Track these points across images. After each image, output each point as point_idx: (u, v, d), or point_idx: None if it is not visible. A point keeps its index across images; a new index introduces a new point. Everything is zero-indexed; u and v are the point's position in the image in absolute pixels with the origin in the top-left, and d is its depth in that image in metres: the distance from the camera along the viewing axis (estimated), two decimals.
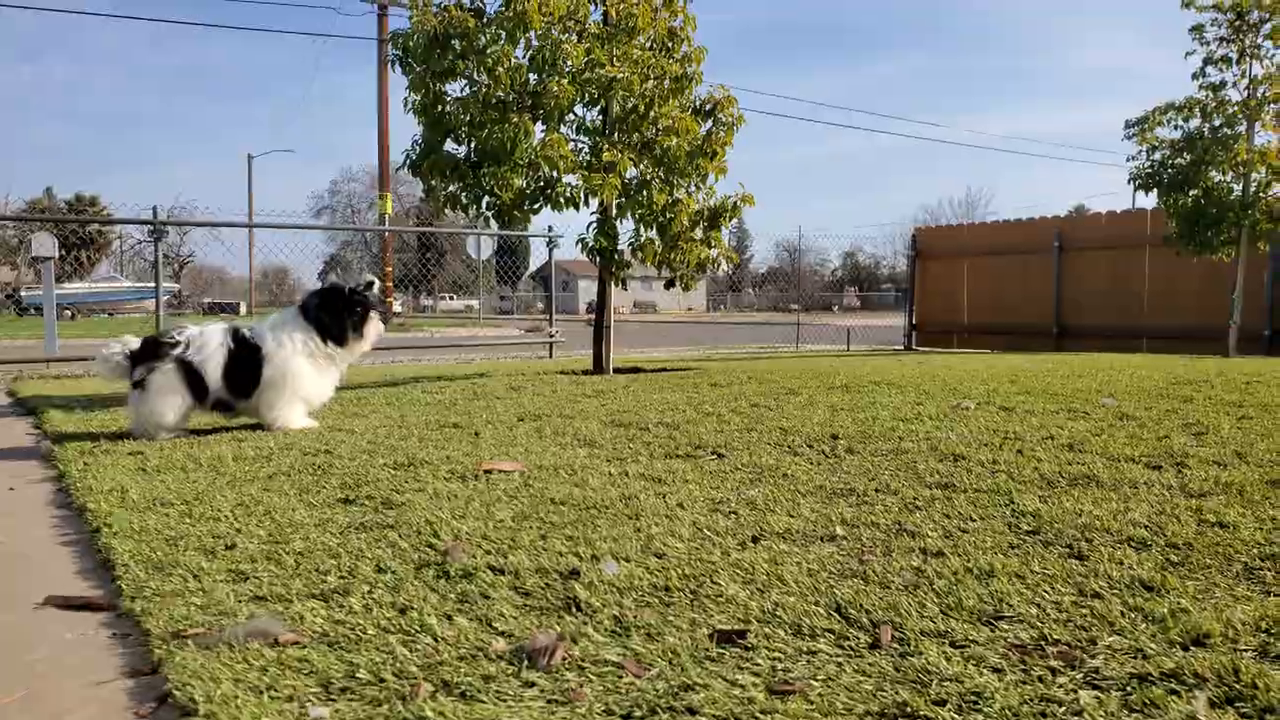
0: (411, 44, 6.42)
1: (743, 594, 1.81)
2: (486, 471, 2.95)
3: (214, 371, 3.89)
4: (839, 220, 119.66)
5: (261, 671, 1.45)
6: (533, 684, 1.43)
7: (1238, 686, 1.34)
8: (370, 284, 4.55)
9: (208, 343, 3.94)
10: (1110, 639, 1.54)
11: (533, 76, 6.54)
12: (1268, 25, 10.81)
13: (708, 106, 7.01)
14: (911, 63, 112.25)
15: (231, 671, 1.45)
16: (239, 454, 3.37)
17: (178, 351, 3.88)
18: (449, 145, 6.62)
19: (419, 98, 6.52)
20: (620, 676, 1.45)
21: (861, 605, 1.71)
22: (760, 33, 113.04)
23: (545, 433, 3.78)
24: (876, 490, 2.65)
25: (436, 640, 1.60)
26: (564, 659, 1.52)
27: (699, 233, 6.92)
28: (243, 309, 37.86)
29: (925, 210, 66.30)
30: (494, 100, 6.38)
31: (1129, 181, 11.63)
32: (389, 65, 6.83)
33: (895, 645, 1.55)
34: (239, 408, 4.06)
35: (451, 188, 6.52)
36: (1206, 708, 1.30)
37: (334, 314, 4.13)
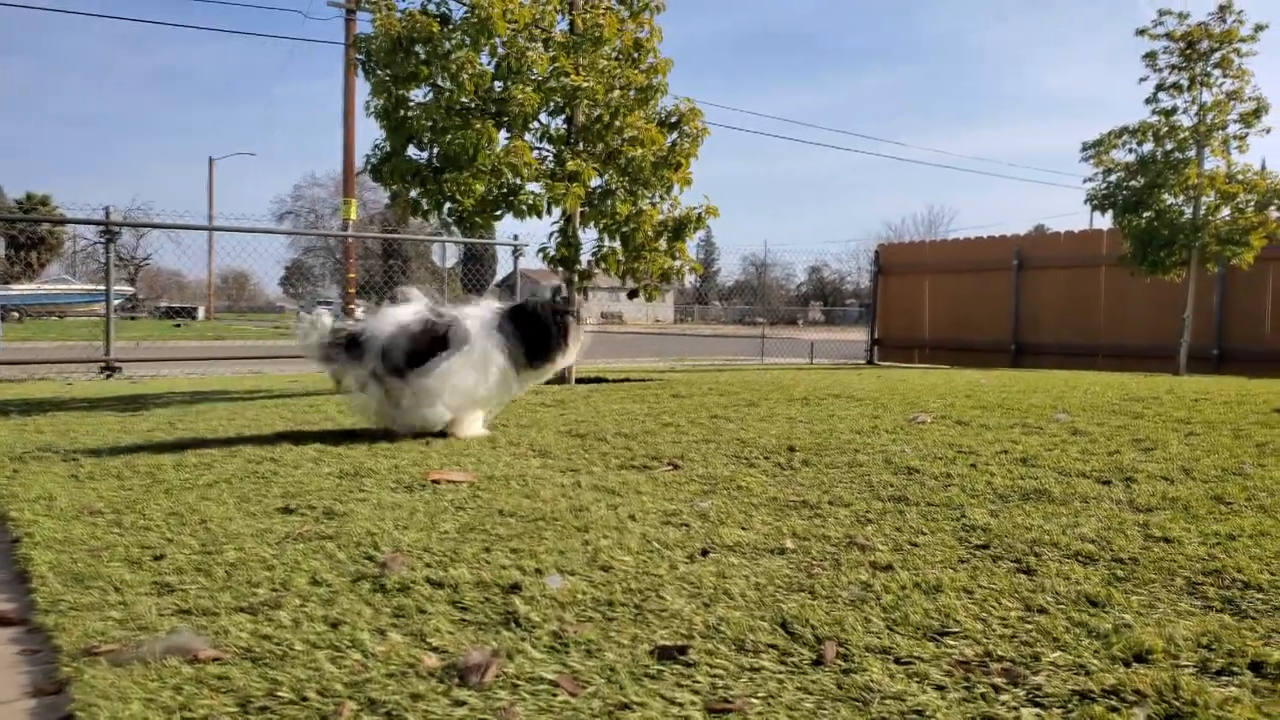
0: (374, 48, 6.36)
1: (688, 608, 1.77)
2: (434, 481, 2.89)
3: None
4: (805, 236, 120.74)
5: (176, 691, 1.39)
6: (463, 703, 1.38)
7: (1177, 703, 1.33)
8: (559, 289, 4.26)
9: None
10: (1054, 655, 1.52)
11: (497, 84, 6.50)
12: (1217, 54, 11.07)
13: (673, 118, 7.02)
14: (876, 82, 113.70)
15: (143, 690, 1.38)
16: (180, 461, 3.28)
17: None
18: (411, 150, 6.56)
19: (381, 102, 6.45)
20: (555, 695, 1.41)
21: (807, 620, 1.68)
22: (728, 49, 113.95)
23: (500, 442, 3.72)
24: (829, 503, 2.63)
25: (366, 656, 1.54)
26: (497, 676, 1.47)
27: (663, 243, 6.91)
28: (200, 314, 37.24)
29: (889, 227, 67.12)
30: (457, 106, 6.33)
31: (1085, 202, 11.83)
32: (354, 69, 6.74)
33: (839, 661, 1.52)
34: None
35: (413, 193, 6.45)
36: None
37: (539, 328, 3.93)
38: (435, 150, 6.32)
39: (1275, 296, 12.60)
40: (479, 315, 3.94)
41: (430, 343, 3.79)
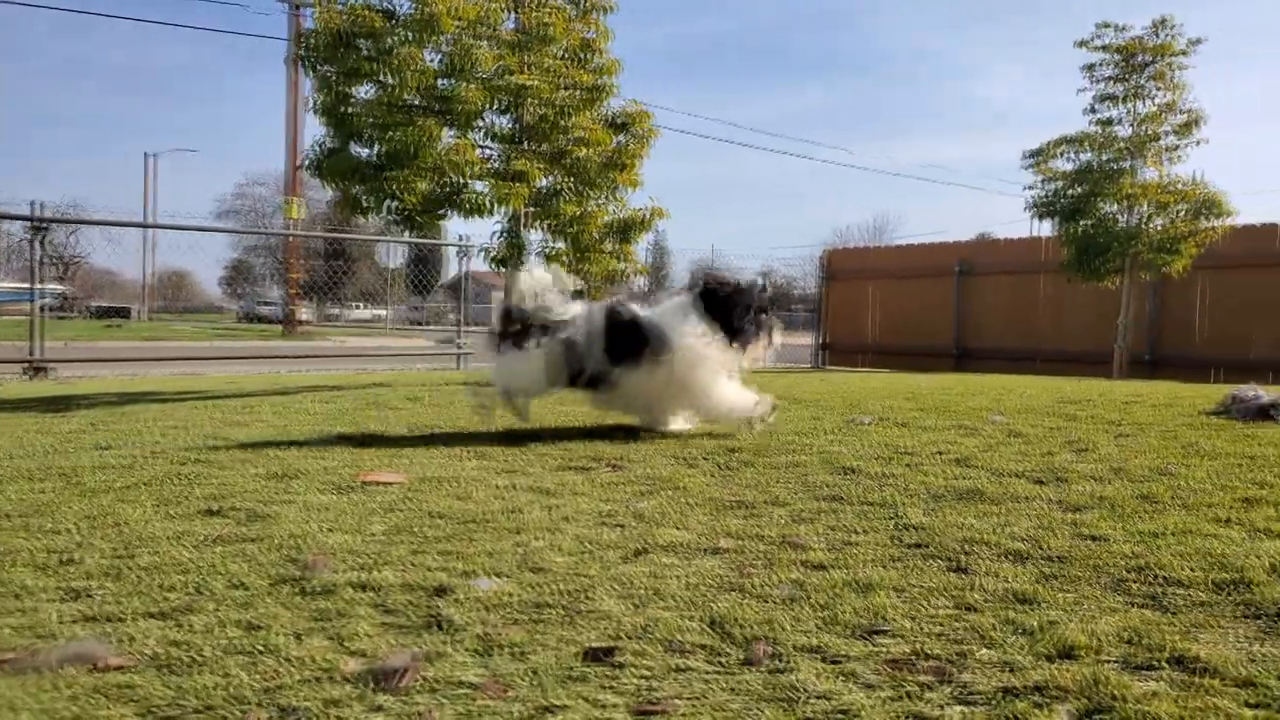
0: (316, 43, 6.24)
1: (619, 609, 1.74)
2: (366, 483, 2.82)
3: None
4: (754, 241, 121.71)
5: (72, 700, 1.32)
6: (380, 708, 1.33)
7: (1100, 699, 1.33)
8: (756, 282, 4.14)
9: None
10: (983, 652, 1.52)
11: (443, 81, 6.42)
12: (1153, 67, 11.37)
13: (621, 119, 6.99)
14: (825, 91, 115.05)
15: (37, 701, 1.31)
16: (100, 463, 3.16)
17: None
18: (354, 147, 6.44)
19: (323, 98, 6.33)
20: (476, 699, 1.37)
21: (738, 620, 1.66)
22: (681, 54, 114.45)
23: (436, 443, 3.66)
24: (767, 503, 2.62)
25: (282, 662, 1.48)
26: (417, 680, 1.42)
27: (609, 245, 6.87)
28: (135, 314, 36.21)
29: (836, 234, 67.73)
30: (401, 103, 6.24)
31: (1026, 209, 12.06)
32: (298, 64, 6.61)
33: (769, 661, 1.50)
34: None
35: (355, 190, 6.33)
36: None
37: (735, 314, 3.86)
38: (378, 148, 6.21)
39: (1206, 304, 12.98)
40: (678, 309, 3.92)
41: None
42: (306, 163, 6.52)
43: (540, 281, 3.92)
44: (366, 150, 6.36)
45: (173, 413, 4.80)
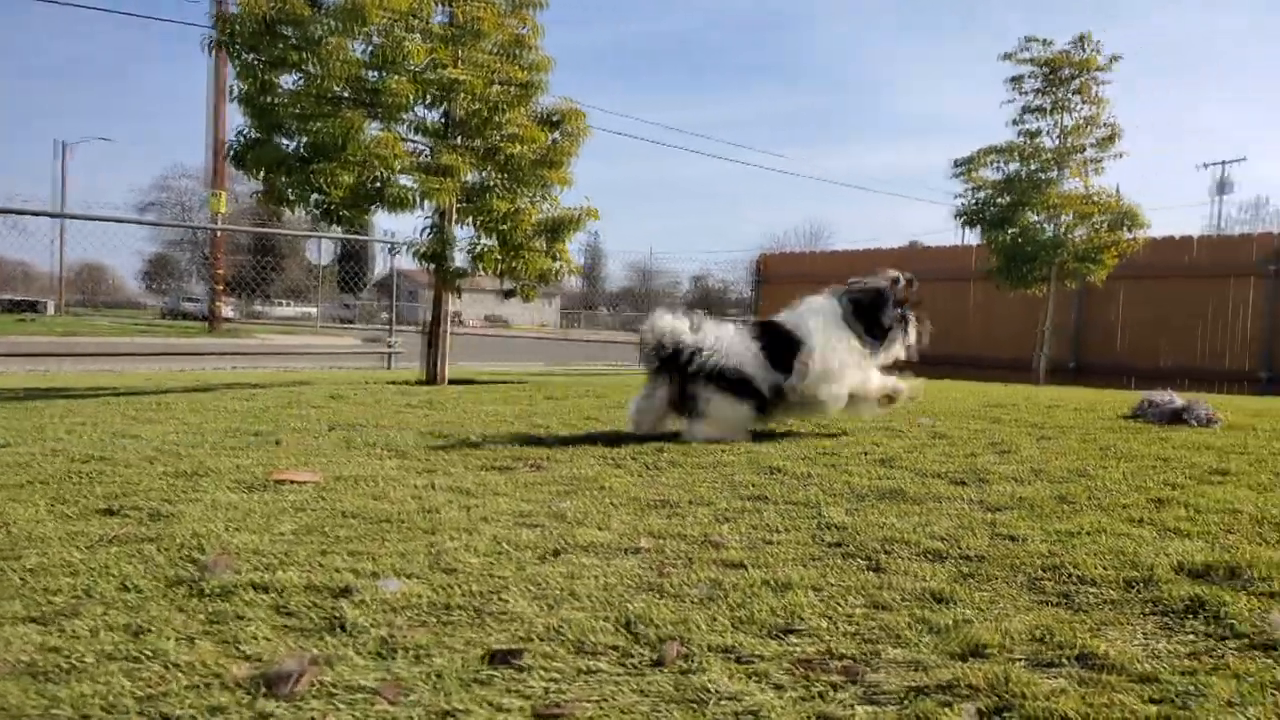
0: (239, 29, 6.06)
1: (530, 610, 1.69)
2: (278, 481, 2.72)
3: None
4: (691, 244, 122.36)
5: None
6: (269, 715, 1.26)
7: (1007, 696, 1.33)
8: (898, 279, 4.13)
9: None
10: (894, 651, 1.51)
11: (371, 73, 6.29)
12: (1076, 81, 11.71)
13: (554, 117, 6.93)
14: (761, 98, 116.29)
15: None
16: None
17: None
18: (278, 139, 6.27)
19: (246, 86, 6.15)
20: (373, 704, 1.31)
21: (651, 620, 1.63)
22: (617, 57, 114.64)
23: (355, 442, 3.56)
24: (691, 502, 2.60)
25: (167, 667, 1.40)
26: (312, 685, 1.35)
27: (541, 243, 6.80)
28: (50, 308, 34.75)
29: (772, 239, 68.53)
30: (328, 94, 6.09)
31: (955, 217, 12.31)
32: (219, 50, 6.41)
33: (680, 662, 1.47)
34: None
35: (279, 183, 6.16)
36: (975, 719, 1.27)
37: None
38: (303, 139, 6.06)
39: (1126, 313, 13.41)
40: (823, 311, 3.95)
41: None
42: (229, 154, 6.32)
43: (675, 325, 3.88)
44: (290, 142, 6.20)
45: (80, 409, 4.60)
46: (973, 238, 13.27)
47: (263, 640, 1.52)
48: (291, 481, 2.72)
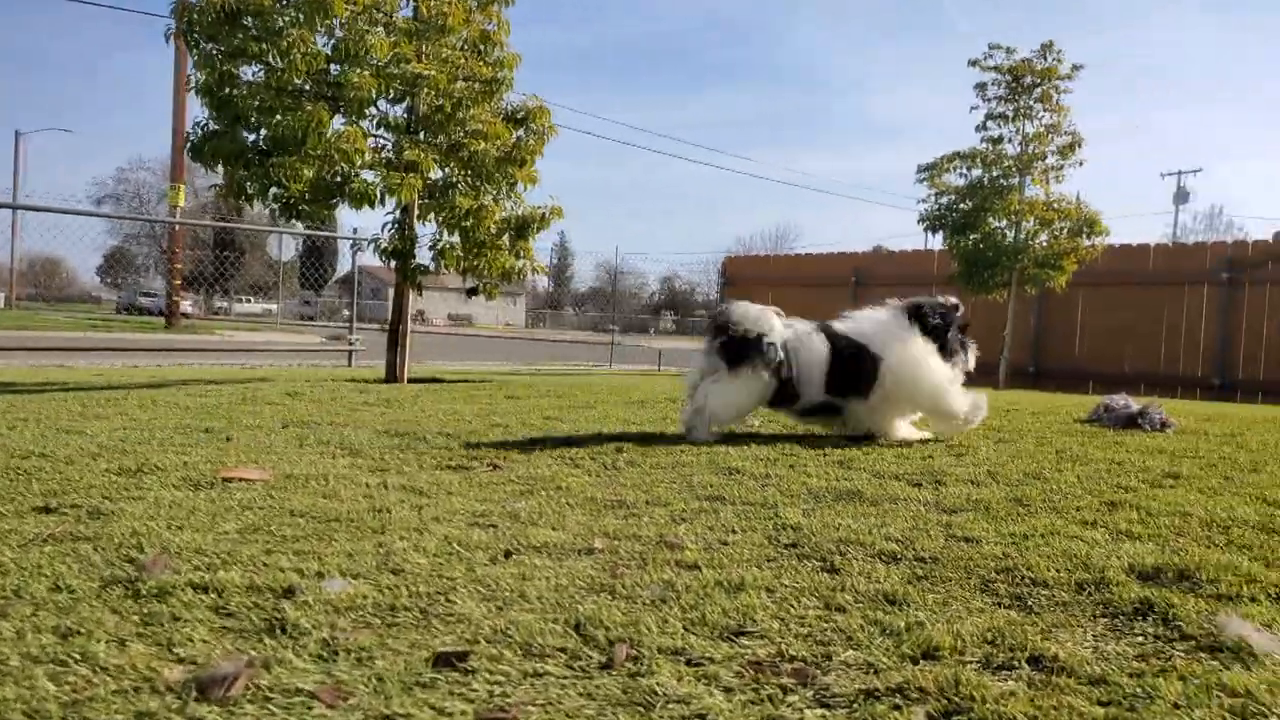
0: (199, 18, 5.95)
1: (478, 612, 1.65)
2: (226, 479, 2.65)
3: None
4: (658, 245, 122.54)
5: None
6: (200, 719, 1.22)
7: (957, 699, 1.31)
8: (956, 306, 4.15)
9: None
10: (847, 654, 1.50)
11: (334, 67, 6.20)
12: (1039, 89, 11.86)
13: (520, 114, 6.88)
14: (731, 101, 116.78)
15: None
16: None
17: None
18: (238, 131, 6.16)
19: (205, 77, 6.04)
20: (310, 707, 1.27)
21: (602, 622, 1.60)
22: (588, 57, 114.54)
23: (308, 440, 3.49)
24: (648, 503, 2.57)
25: (96, 671, 1.35)
26: (247, 688, 1.31)
27: (505, 241, 6.75)
28: (0, 301, 33.87)
29: (739, 242, 68.86)
30: (289, 86, 5.99)
31: (919, 222, 12.41)
32: (180, 40, 6.28)
33: (629, 664, 1.44)
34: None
35: (237, 176, 6.05)
36: None
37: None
38: (263, 132, 5.96)
39: (1085, 318, 13.60)
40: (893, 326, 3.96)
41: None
42: (188, 145, 6.20)
43: (753, 311, 3.85)
44: (251, 134, 6.10)
45: (25, 405, 4.48)
46: (937, 243, 13.40)
47: (199, 642, 1.47)
48: (239, 479, 2.66)
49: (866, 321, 3.99)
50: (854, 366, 3.81)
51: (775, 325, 3.83)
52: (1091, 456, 3.52)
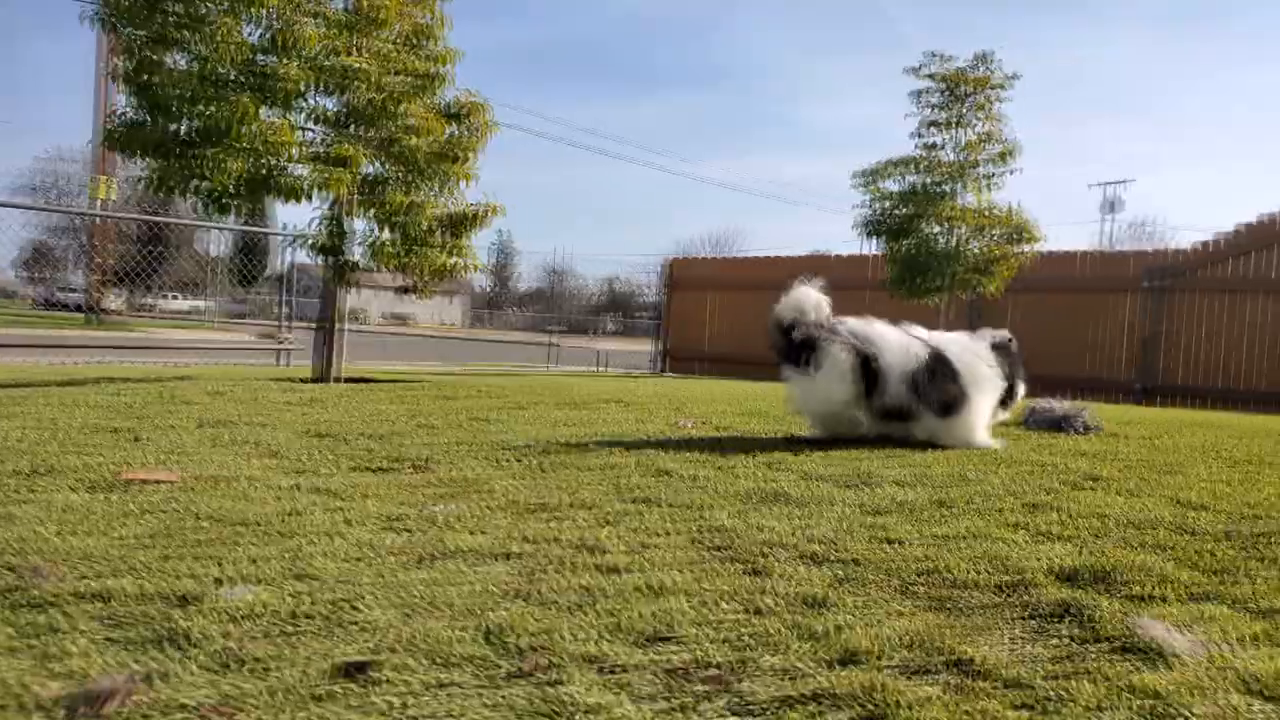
0: (118, 1, 5.72)
1: (387, 620, 1.58)
2: (129, 481, 2.53)
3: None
4: (603, 246, 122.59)
5: None
6: None
7: (875, 706, 1.29)
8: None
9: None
10: (767, 659, 1.46)
11: (263, 58, 6.02)
12: (973, 98, 12.07)
13: (456, 110, 6.75)
14: (675, 103, 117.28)
15: None
16: None
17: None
18: (161, 121, 5.94)
19: (126, 64, 5.81)
20: None
21: (516, 629, 1.54)
22: (533, 57, 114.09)
23: (224, 440, 3.36)
24: (573, 505, 2.52)
25: None
26: (128, 704, 1.23)
27: (442, 238, 6.62)
28: None
29: (682, 245, 68.98)
30: (214, 76, 5.80)
31: (854, 227, 12.54)
32: (103, 25, 6.04)
33: (541, 673, 1.39)
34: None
35: (159, 168, 5.83)
36: None
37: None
38: (187, 122, 5.75)
39: (1017, 324, 13.88)
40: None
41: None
42: (105, 135, 5.97)
43: (812, 297, 3.96)
44: (175, 125, 5.88)
45: None
46: (873, 248, 13.55)
47: (80, 656, 1.38)
48: (144, 481, 2.54)
49: (960, 340, 4.09)
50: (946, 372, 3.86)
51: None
52: (1017, 459, 3.56)
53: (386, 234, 6.38)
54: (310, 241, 6.19)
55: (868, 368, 3.79)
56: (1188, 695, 1.33)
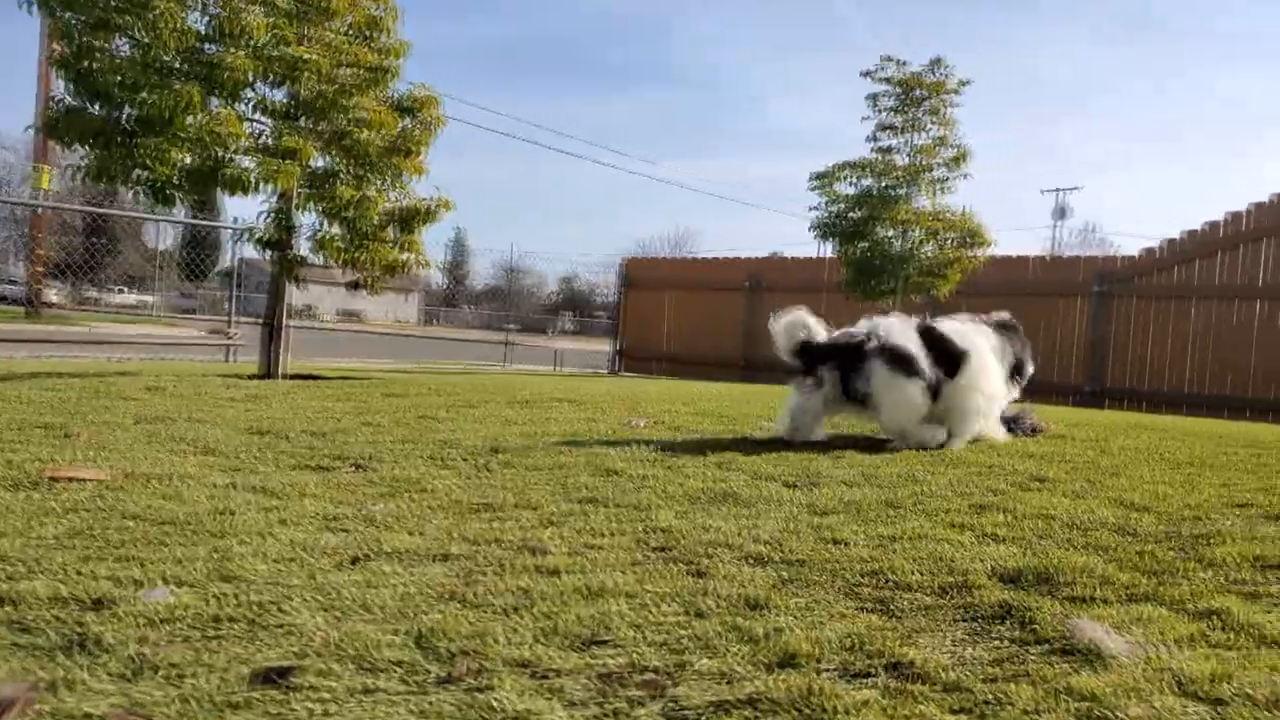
0: None
1: (314, 623, 1.53)
2: (53, 479, 2.43)
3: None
4: (559, 244, 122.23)
5: None
6: None
7: (810, 710, 1.26)
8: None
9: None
10: (703, 662, 1.43)
11: (208, 46, 5.88)
12: (929, 102, 12.21)
13: (408, 103, 6.66)
14: (633, 102, 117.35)
15: None
16: None
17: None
18: (101, 108, 5.78)
19: (64, 49, 5.64)
20: None
21: (447, 633, 1.49)
22: (489, 54, 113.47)
23: (160, 437, 3.26)
24: (517, 505, 2.47)
25: None
26: (28, 714, 1.16)
27: (391, 233, 6.52)
28: None
29: (640, 244, 69.02)
30: (157, 63, 5.65)
31: (810, 229, 12.61)
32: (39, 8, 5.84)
33: (470, 679, 1.35)
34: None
35: (99, 157, 5.66)
36: None
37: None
38: (128, 110, 5.59)
39: None
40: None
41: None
42: (42, 122, 5.79)
43: (800, 320, 3.99)
44: (115, 112, 5.72)
45: None
46: (829, 250, 13.64)
47: None
48: (70, 479, 2.44)
49: (959, 324, 4.21)
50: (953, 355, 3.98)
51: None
52: (964, 459, 3.57)
53: (336, 229, 6.27)
54: (257, 236, 6.05)
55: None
56: (1123, 697, 1.33)
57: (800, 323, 4.08)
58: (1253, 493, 3.00)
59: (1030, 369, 4.36)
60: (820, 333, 4.09)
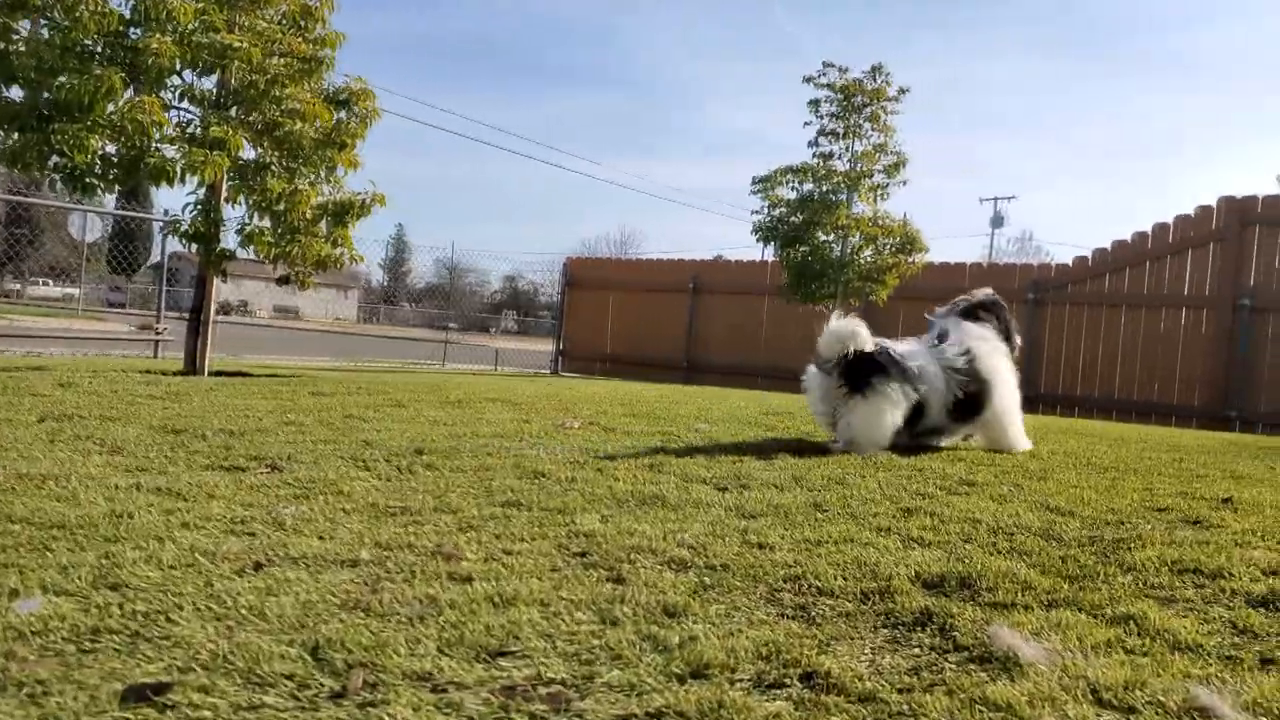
0: None
1: (202, 634, 1.44)
2: None
3: None
4: (502, 243, 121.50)
5: None
6: None
7: None
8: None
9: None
10: (612, 674, 1.38)
11: (134, 31, 5.67)
12: (868, 109, 12.34)
13: (343, 95, 6.51)
14: (577, 103, 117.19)
15: None
16: None
17: None
18: (15, 92, 5.54)
19: None
20: None
21: (344, 644, 1.42)
22: (430, 50, 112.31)
23: (64, 436, 3.11)
24: (435, 509, 2.39)
25: None
26: None
27: (323, 228, 6.37)
28: None
29: (584, 244, 68.89)
30: (76, 47, 5.43)
31: (752, 233, 12.67)
32: None
33: (364, 693, 1.27)
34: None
35: (10, 142, 5.43)
36: None
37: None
38: (44, 94, 5.37)
39: (905, 332, 14.24)
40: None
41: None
42: None
43: (850, 328, 3.89)
44: (32, 96, 5.49)
45: None
46: (771, 254, 13.71)
47: None
48: None
49: (961, 330, 4.32)
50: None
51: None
52: (895, 463, 3.58)
53: (263, 222, 6.09)
54: (181, 229, 5.85)
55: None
56: (1037, 707, 1.31)
57: (850, 332, 3.92)
58: (1173, 497, 3.04)
59: (1018, 340, 4.49)
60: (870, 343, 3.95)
